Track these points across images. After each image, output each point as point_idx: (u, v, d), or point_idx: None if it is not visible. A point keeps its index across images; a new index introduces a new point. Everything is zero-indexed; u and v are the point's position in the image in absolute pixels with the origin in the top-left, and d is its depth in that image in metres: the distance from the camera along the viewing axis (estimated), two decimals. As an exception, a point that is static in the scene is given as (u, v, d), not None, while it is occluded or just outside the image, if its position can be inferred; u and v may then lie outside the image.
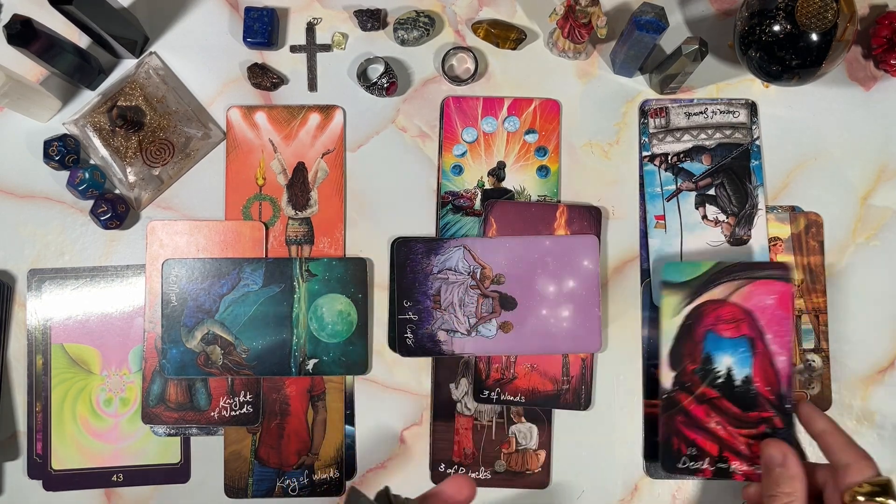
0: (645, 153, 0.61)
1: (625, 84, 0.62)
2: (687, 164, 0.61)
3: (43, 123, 0.62)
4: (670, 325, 0.58)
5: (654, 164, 0.61)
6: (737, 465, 0.56)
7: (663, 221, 0.60)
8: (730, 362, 0.57)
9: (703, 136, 0.61)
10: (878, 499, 0.48)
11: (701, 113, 0.61)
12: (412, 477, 0.60)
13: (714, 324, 0.57)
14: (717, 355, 0.57)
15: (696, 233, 0.60)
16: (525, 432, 0.60)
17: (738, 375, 0.57)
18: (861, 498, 0.49)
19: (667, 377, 0.57)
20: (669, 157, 0.61)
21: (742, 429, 0.56)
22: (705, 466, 0.57)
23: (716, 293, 0.57)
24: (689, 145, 0.61)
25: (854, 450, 0.51)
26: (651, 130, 0.61)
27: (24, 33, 0.54)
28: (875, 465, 0.50)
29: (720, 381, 0.57)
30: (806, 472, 0.52)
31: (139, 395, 0.60)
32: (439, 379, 0.60)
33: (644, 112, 0.61)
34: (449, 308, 0.59)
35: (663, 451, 0.57)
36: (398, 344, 0.59)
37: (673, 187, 0.61)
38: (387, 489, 0.44)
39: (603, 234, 0.61)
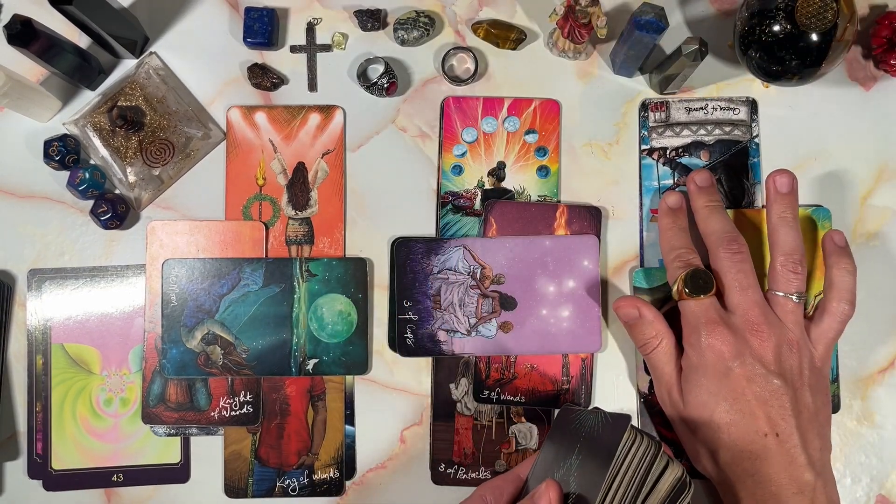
0: (644, 147, 0.61)
1: (625, 84, 0.62)
2: (685, 160, 0.61)
3: (43, 123, 0.62)
4: None
5: (653, 158, 0.61)
6: None
7: (659, 216, 0.61)
8: None
9: (702, 131, 0.61)
10: (685, 290, 0.53)
11: (701, 108, 0.61)
12: (412, 477, 0.60)
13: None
14: None
15: (694, 230, 0.60)
16: (525, 432, 0.60)
17: None
18: (677, 296, 0.54)
19: (643, 382, 0.59)
20: (668, 152, 0.61)
21: None
22: (683, 462, 0.58)
23: None
24: (689, 140, 0.61)
25: (671, 253, 0.56)
26: (651, 124, 0.61)
27: (24, 33, 0.54)
28: (683, 260, 0.55)
29: None
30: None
31: (139, 395, 0.60)
32: (439, 379, 0.60)
33: (644, 106, 0.61)
34: (449, 308, 0.59)
35: None
36: (398, 344, 0.59)
37: (670, 182, 0.61)
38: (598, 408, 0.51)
39: (603, 234, 0.61)
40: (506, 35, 0.61)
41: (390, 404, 0.60)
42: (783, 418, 0.51)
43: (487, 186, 0.61)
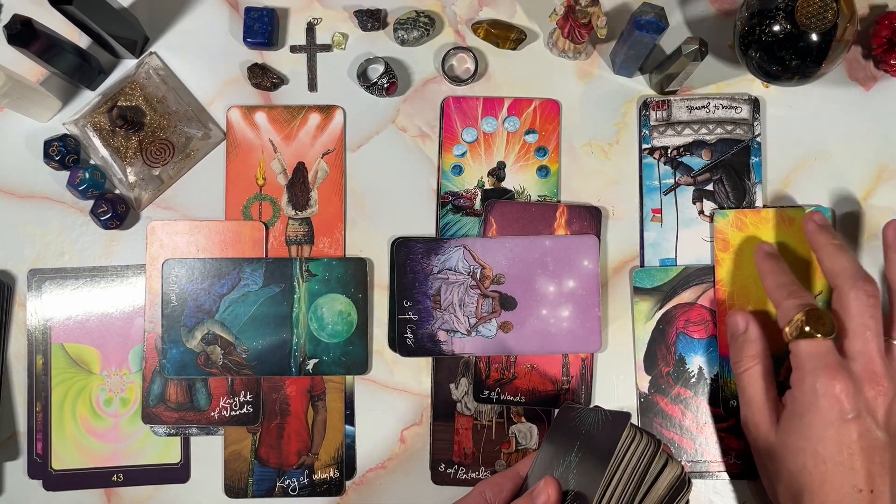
0: (645, 146, 0.61)
1: (625, 84, 0.62)
2: (686, 159, 0.61)
3: (43, 123, 0.62)
4: (643, 331, 0.59)
5: (654, 158, 0.61)
6: (712, 458, 0.58)
7: (660, 215, 0.61)
8: (700, 362, 0.59)
9: (703, 130, 0.61)
10: (806, 329, 0.50)
11: (703, 107, 0.61)
12: (412, 477, 0.60)
13: (685, 326, 0.59)
14: (689, 356, 0.59)
15: (693, 228, 0.60)
16: (525, 432, 0.60)
17: (709, 374, 0.59)
18: (791, 335, 0.51)
19: (643, 381, 0.59)
20: (669, 151, 0.61)
21: (715, 423, 0.59)
22: (684, 462, 0.58)
23: (685, 297, 0.59)
24: (690, 139, 0.61)
25: (782, 291, 0.53)
26: (652, 123, 0.61)
27: (24, 33, 0.54)
28: (801, 297, 0.52)
29: (692, 380, 0.59)
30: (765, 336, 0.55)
31: (139, 395, 0.60)
32: (439, 379, 0.60)
33: (646, 105, 0.61)
34: (449, 308, 0.59)
35: None
36: (398, 344, 0.59)
37: (671, 181, 0.61)
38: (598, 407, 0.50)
39: (603, 234, 0.61)
40: (506, 35, 0.61)
41: (390, 404, 0.60)
42: (881, 475, 0.49)
43: (487, 186, 0.61)
